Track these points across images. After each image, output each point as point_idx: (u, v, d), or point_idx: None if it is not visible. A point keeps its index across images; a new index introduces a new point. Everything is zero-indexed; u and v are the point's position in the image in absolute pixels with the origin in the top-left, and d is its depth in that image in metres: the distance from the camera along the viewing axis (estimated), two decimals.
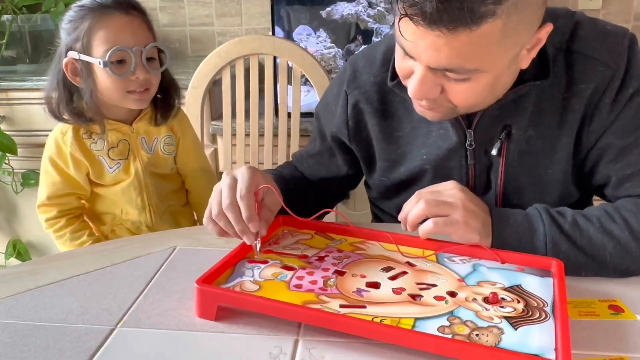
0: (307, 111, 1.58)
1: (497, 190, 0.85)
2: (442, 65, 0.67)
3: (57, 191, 1.11)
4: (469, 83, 0.69)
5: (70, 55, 1.02)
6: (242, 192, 0.71)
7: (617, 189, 0.80)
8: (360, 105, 0.89)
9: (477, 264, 0.71)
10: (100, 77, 1.03)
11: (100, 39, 1.00)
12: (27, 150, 1.85)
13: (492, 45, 0.65)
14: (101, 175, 1.11)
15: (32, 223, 1.95)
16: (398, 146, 0.89)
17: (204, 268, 0.68)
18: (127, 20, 1.02)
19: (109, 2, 1.01)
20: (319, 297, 0.64)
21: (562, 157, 0.82)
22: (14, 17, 1.81)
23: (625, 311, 0.66)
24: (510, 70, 0.72)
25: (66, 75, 1.04)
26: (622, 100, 0.77)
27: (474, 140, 0.83)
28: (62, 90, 1.05)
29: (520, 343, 0.56)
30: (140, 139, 1.13)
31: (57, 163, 1.09)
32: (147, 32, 1.05)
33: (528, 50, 0.70)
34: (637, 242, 0.72)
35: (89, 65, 1.02)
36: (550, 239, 0.72)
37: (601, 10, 1.95)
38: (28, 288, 0.72)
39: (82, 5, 1.02)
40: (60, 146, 1.09)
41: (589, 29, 0.79)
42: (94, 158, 1.09)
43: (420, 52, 0.67)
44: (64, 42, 1.04)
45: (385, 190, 0.95)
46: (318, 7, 1.64)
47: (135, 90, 1.04)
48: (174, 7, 2.09)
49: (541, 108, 0.80)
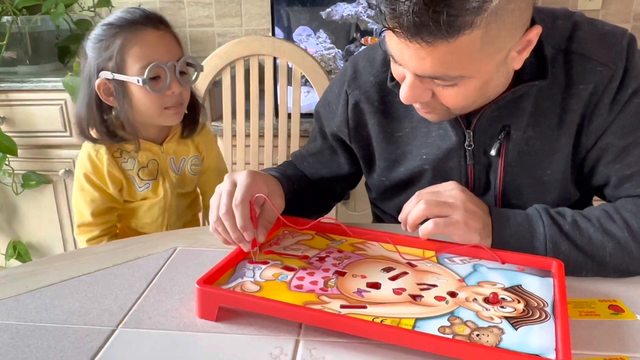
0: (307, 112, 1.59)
1: (496, 191, 0.86)
2: (427, 73, 0.68)
3: (98, 207, 1.08)
4: (457, 88, 0.70)
5: (103, 75, 1.00)
6: (237, 201, 0.71)
7: (617, 189, 0.80)
8: (360, 105, 0.90)
9: (478, 264, 0.72)
10: (136, 95, 1.01)
11: (135, 56, 0.98)
12: (27, 151, 1.85)
13: (473, 54, 0.65)
14: (131, 193, 1.10)
15: (32, 224, 1.95)
16: (398, 146, 0.90)
17: (204, 269, 0.68)
18: (158, 36, 1.00)
19: (138, 18, 0.99)
20: (319, 297, 0.64)
21: (561, 157, 0.82)
22: (14, 18, 1.81)
23: (625, 311, 0.66)
24: (500, 73, 0.72)
25: (99, 96, 1.02)
26: (621, 100, 0.77)
27: (473, 140, 0.83)
28: (94, 111, 1.03)
29: (521, 343, 0.56)
30: (169, 159, 1.12)
31: (93, 180, 1.07)
32: (177, 46, 1.04)
33: (518, 52, 0.71)
34: (636, 242, 0.72)
35: (124, 84, 1.00)
36: (550, 239, 0.72)
37: (601, 11, 1.95)
38: (29, 289, 0.72)
39: (110, 23, 0.99)
40: (95, 163, 1.06)
41: (588, 30, 0.79)
42: (126, 175, 1.08)
43: (406, 61, 0.68)
44: (94, 62, 1.00)
45: (384, 190, 0.95)
46: (318, 7, 1.64)
47: (171, 106, 1.03)
48: (174, 8, 2.09)
49: (540, 108, 0.80)
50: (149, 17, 1.00)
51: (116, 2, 2.04)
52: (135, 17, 0.99)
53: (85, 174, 1.06)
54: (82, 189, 1.08)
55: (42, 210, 1.92)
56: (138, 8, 1.02)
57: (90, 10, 2.01)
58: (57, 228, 1.94)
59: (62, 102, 1.79)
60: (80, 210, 1.09)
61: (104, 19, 1.02)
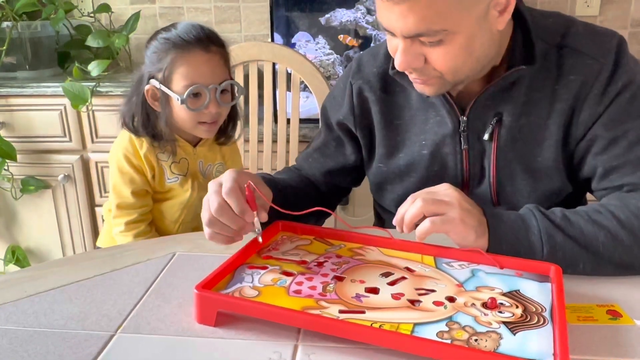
0: (306, 117, 1.59)
1: (490, 177, 0.88)
2: (412, 31, 0.74)
3: (137, 187, 1.12)
4: (444, 46, 0.75)
5: (152, 83, 1.08)
6: (227, 189, 0.72)
7: (602, 180, 0.82)
8: (364, 93, 0.95)
9: (476, 269, 0.72)
10: (176, 108, 1.08)
11: (181, 74, 1.05)
12: (27, 156, 1.86)
13: (451, 4, 0.71)
14: (160, 182, 1.14)
15: (31, 229, 1.95)
16: (397, 133, 0.94)
17: (203, 274, 0.68)
18: (206, 58, 1.06)
19: (191, 39, 1.06)
20: (318, 302, 0.64)
21: (550, 145, 0.85)
22: (14, 23, 1.82)
23: (623, 316, 0.66)
24: (484, 31, 0.76)
25: (146, 98, 1.09)
26: (610, 93, 0.80)
27: (467, 126, 0.87)
28: (141, 111, 1.10)
29: (519, 348, 0.56)
30: (199, 162, 1.18)
31: (132, 161, 1.12)
32: (224, 68, 1.10)
33: (500, 12, 0.75)
34: (625, 230, 0.73)
35: (167, 95, 1.07)
36: (544, 231, 0.74)
37: (598, 17, 1.96)
38: (28, 294, 0.72)
39: (167, 38, 1.07)
40: (135, 146, 1.12)
41: (581, 27, 0.84)
42: (160, 164, 1.13)
43: (393, 24, 0.75)
44: (148, 69, 1.09)
45: (382, 180, 0.97)
46: (317, 13, 1.65)
47: (205, 122, 1.09)
48: (173, 14, 2.10)
49: (532, 98, 0.84)
50: (201, 38, 1.07)
51: (115, 8, 2.05)
52: (189, 37, 1.06)
53: (125, 155, 1.11)
54: (122, 171, 1.12)
55: (41, 216, 1.92)
56: (197, 26, 1.08)
57: (90, 16, 2.02)
58: (56, 233, 1.94)
59: (61, 108, 1.79)
60: (120, 191, 1.12)
61: (164, 29, 1.09)
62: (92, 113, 1.78)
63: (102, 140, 1.80)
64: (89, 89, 1.71)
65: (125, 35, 1.89)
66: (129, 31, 1.92)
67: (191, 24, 1.09)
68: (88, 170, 1.86)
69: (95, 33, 1.89)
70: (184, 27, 1.07)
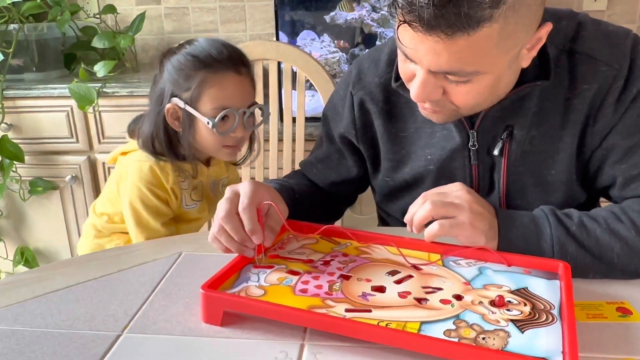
0: (311, 116, 1.59)
1: (500, 191, 0.85)
2: (442, 69, 0.68)
3: (167, 218, 1.08)
4: (470, 85, 0.70)
5: (175, 102, 1.00)
6: (244, 204, 0.71)
7: (623, 190, 0.80)
8: (366, 105, 0.90)
9: (483, 267, 0.71)
10: (201, 130, 1.02)
11: (211, 96, 0.99)
12: (34, 158, 1.87)
13: (490, 48, 0.65)
14: (178, 208, 1.10)
15: (40, 230, 1.96)
16: (402, 146, 0.90)
17: (209, 273, 0.68)
18: (238, 81, 1.01)
19: (223, 59, 0.99)
20: (324, 301, 0.64)
21: (564, 157, 0.81)
22: (20, 26, 1.83)
23: (633, 313, 0.65)
24: (512, 70, 0.72)
25: (166, 117, 1.02)
26: (626, 100, 0.77)
27: (477, 140, 0.83)
28: (161, 131, 1.03)
29: (527, 346, 0.55)
30: (211, 182, 1.15)
31: (157, 193, 1.05)
32: (252, 91, 1.05)
33: (528, 49, 0.71)
34: None
35: (192, 116, 1.00)
36: (557, 240, 0.72)
37: (606, 11, 1.94)
38: (35, 295, 0.72)
39: (195, 55, 0.99)
40: (158, 177, 1.05)
41: (592, 30, 0.79)
42: (181, 192, 1.09)
43: (421, 57, 0.68)
44: (170, 86, 1.00)
45: (389, 192, 0.95)
46: (322, 12, 1.64)
47: (229, 145, 1.05)
48: (178, 14, 2.10)
49: (544, 108, 0.80)
50: (233, 59, 1.00)
51: (120, 8, 2.06)
52: (220, 57, 0.99)
53: (150, 188, 1.04)
54: (146, 204, 1.05)
55: (49, 217, 1.93)
56: (223, 44, 1.02)
57: (95, 17, 2.03)
58: (64, 234, 1.95)
59: (68, 109, 1.80)
60: (147, 225, 1.05)
61: (190, 47, 1.01)
62: (99, 114, 1.79)
63: (109, 141, 1.81)
64: (95, 90, 1.72)
65: (131, 36, 1.89)
66: (135, 32, 1.93)
67: (218, 42, 1.02)
68: (95, 171, 1.87)
69: (101, 34, 1.89)
70: (212, 45, 1.00)
